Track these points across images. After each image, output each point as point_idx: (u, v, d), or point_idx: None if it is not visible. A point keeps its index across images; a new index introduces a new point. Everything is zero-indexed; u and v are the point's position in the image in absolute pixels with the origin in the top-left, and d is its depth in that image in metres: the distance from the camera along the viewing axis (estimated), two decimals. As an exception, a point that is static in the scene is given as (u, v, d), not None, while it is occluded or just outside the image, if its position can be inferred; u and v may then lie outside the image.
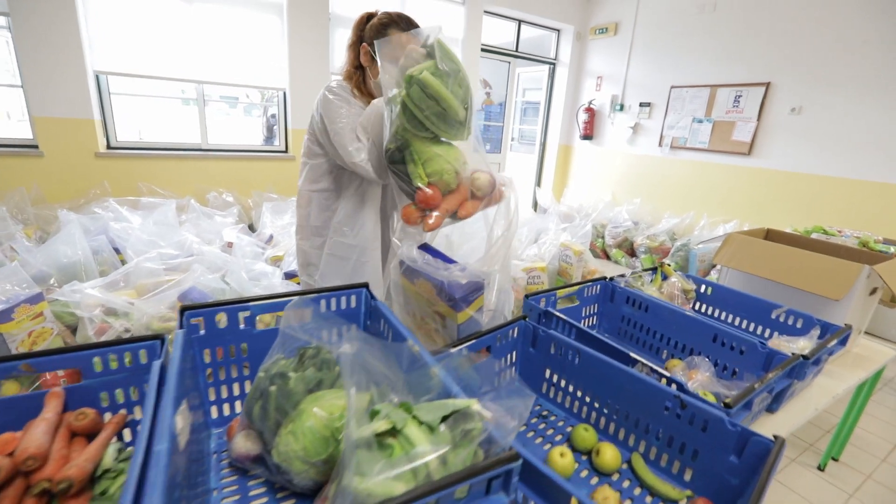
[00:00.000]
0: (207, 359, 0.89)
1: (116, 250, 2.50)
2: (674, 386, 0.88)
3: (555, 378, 1.06)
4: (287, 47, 3.85)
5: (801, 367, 1.02)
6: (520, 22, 5.13)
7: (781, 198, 3.75)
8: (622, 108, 4.90)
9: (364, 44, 1.28)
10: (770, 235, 1.85)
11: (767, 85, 3.71)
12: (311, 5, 3.82)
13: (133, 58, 3.43)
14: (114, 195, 3.36)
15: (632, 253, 4.26)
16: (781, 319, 1.35)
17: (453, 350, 0.91)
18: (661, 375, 0.91)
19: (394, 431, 0.53)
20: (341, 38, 4.11)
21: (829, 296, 1.32)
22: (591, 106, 5.24)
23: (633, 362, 0.97)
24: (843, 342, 1.21)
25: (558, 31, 5.45)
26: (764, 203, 3.87)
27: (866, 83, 3.24)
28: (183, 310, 0.85)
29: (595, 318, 1.48)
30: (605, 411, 0.96)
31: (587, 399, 0.99)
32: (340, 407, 0.70)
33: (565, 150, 5.73)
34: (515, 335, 1.11)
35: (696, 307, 1.56)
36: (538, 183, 6.01)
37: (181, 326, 0.82)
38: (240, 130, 4.18)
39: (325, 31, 3.96)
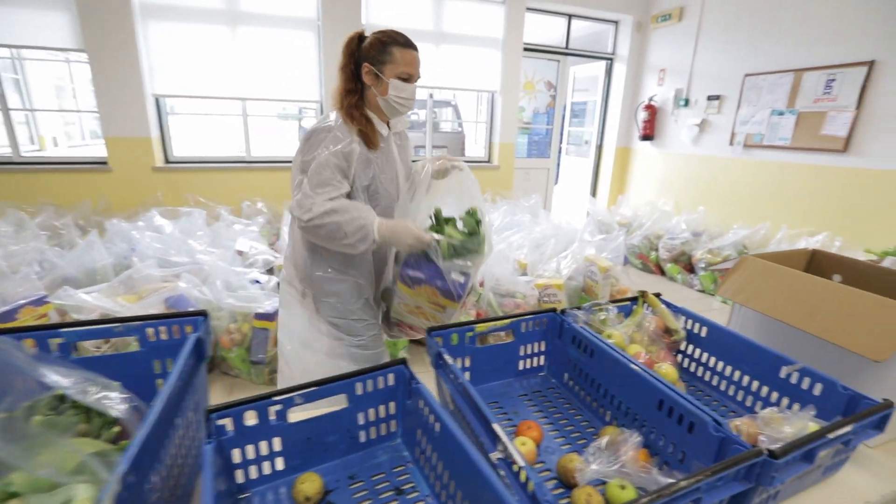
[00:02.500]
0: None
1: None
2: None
3: (423, 442, 0.84)
4: (322, 61, 3.96)
5: (765, 470, 0.69)
6: (570, 16, 4.76)
7: (888, 206, 2.95)
8: (687, 102, 4.29)
9: (366, 63, 1.21)
10: (815, 259, 1.39)
11: (871, 64, 2.95)
12: (343, 19, 3.89)
13: (186, 81, 3.75)
14: (166, 205, 3.69)
15: (690, 269, 3.67)
16: (794, 381, 0.98)
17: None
18: (510, 460, 0.65)
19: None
20: (376, 48, 4.12)
21: (868, 354, 0.92)
22: (652, 103, 4.67)
23: (494, 438, 0.72)
24: (878, 425, 0.83)
25: (616, 22, 4.97)
26: (863, 212, 3.08)
27: None
28: (-20, 334, 0.79)
29: (543, 358, 1.21)
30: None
31: (445, 481, 0.76)
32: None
33: (623, 153, 5.18)
34: (393, 382, 0.91)
35: (690, 352, 1.21)
36: (593, 190, 5.52)
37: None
38: (290, 142, 4.43)
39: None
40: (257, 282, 2.39)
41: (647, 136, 4.71)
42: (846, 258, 1.36)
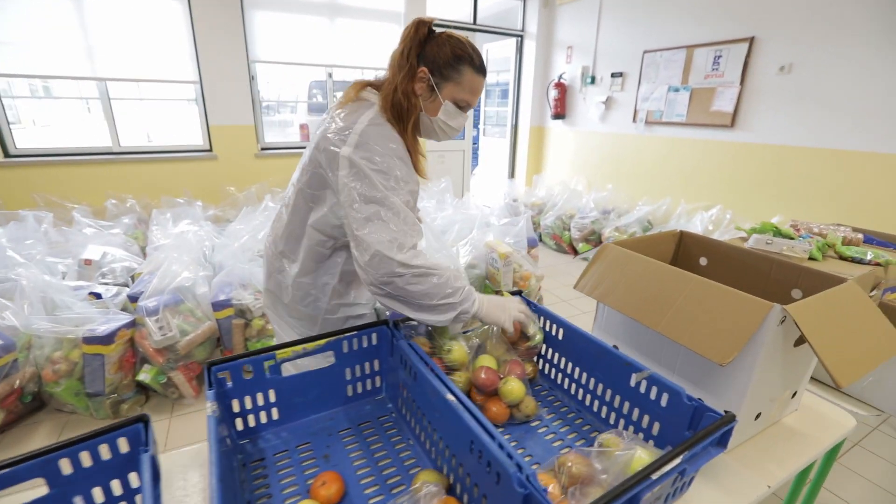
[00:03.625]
0: None
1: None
2: None
3: None
4: (194, 35, 3.46)
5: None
6: (476, -10, 4.56)
7: (771, 178, 3.09)
8: (593, 80, 4.27)
9: (424, 67, 0.97)
10: (683, 242, 1.31)
11: (751, 40, 3.03)
12: (216, -15, 3.41)
13: (22, 58, 3.12)
14: (6, 208, 3.08)
15: (601, 248, 3.69)
16: (643, 390, 0.85)
17: None
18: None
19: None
20: (261, 21, 3.69)
21: (713, 358, 0.80)
22: (562, 80, 4.63)
23: None
24: (720, 441, 0.71)
25: (524, -2, 4.85)
26: (751, 185, 3.22)
27: (874, 33, 2.55)
28: None
29: (379, 379, 1.01)
30: None
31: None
32: None
33: (538, 133, 5.13)
34: (128, 448, 0.67)
35: (549, 357, 1.07)
36: (511, 171, 5.45)
37: None
38: (182, 130, 3.83)
39: (238, 13, 3.55)
40: (98, 296, 2.01)
41: (559, 115, 4.68)
42: (713, 240, 1.28)
